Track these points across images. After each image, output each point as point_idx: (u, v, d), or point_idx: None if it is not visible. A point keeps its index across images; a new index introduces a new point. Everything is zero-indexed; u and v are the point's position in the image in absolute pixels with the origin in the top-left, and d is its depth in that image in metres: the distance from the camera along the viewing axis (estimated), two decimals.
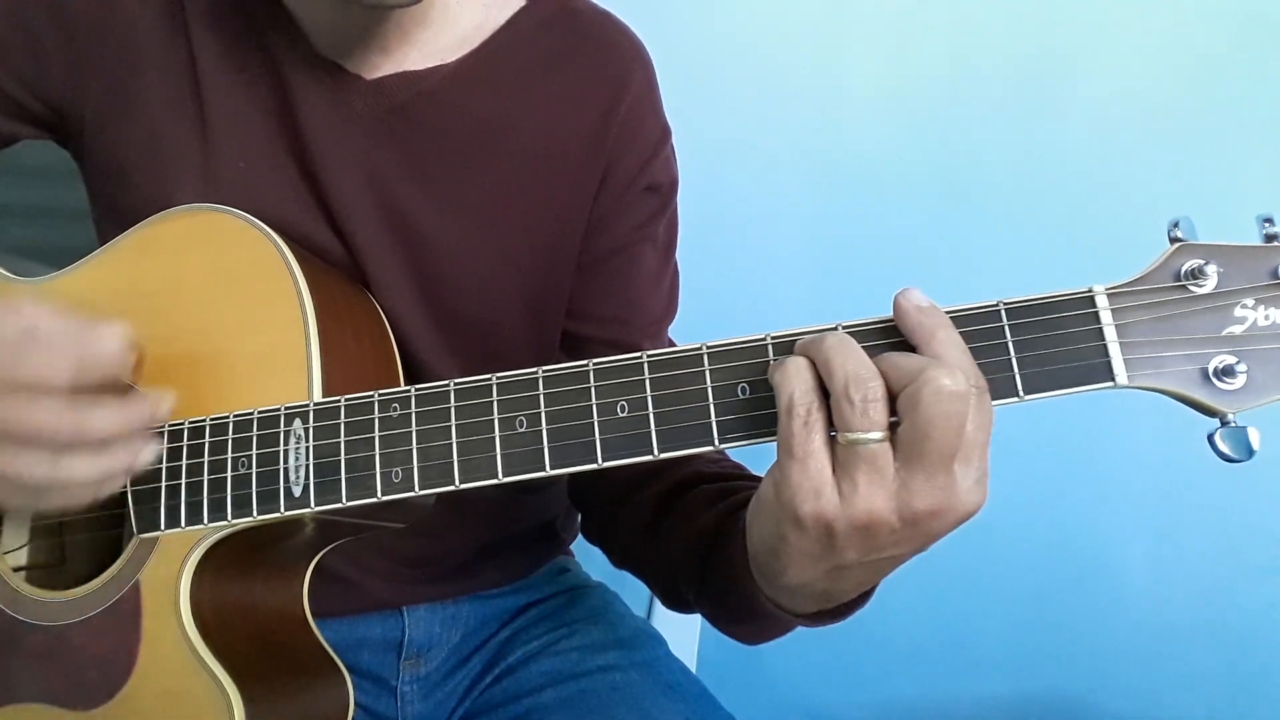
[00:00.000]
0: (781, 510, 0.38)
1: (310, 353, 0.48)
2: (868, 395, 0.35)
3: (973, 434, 0.35)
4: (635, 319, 0.61)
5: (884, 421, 0.35)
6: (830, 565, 0.38)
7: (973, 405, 0.35)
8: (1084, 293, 0.38)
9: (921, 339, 0.37)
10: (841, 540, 0.37)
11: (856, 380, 0.35)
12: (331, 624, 0.62)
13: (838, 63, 1.04)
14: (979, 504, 0.36)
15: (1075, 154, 1.03)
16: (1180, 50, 1.01)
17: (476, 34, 0.57)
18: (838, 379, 0.35)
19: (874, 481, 0.35)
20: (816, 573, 0.40)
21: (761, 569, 0.44)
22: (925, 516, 0.35)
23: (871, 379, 0.35)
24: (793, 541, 0.38)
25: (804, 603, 0.44)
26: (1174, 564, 1.08)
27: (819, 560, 0.38)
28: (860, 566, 0.38)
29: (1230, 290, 0.37)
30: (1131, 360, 0.37)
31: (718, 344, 0.41)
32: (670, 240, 0.64)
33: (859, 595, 0.44)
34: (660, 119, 0.62)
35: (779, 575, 0.42)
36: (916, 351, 0.37)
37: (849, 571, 0.39)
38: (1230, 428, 0.37)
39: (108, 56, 0.55)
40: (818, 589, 0.42)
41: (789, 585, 0.42)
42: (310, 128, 0.55)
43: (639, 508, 0.58)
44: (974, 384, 0.35)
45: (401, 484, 0.43)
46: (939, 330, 0.37)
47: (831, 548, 0.37)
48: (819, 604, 0.44)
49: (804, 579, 0.41)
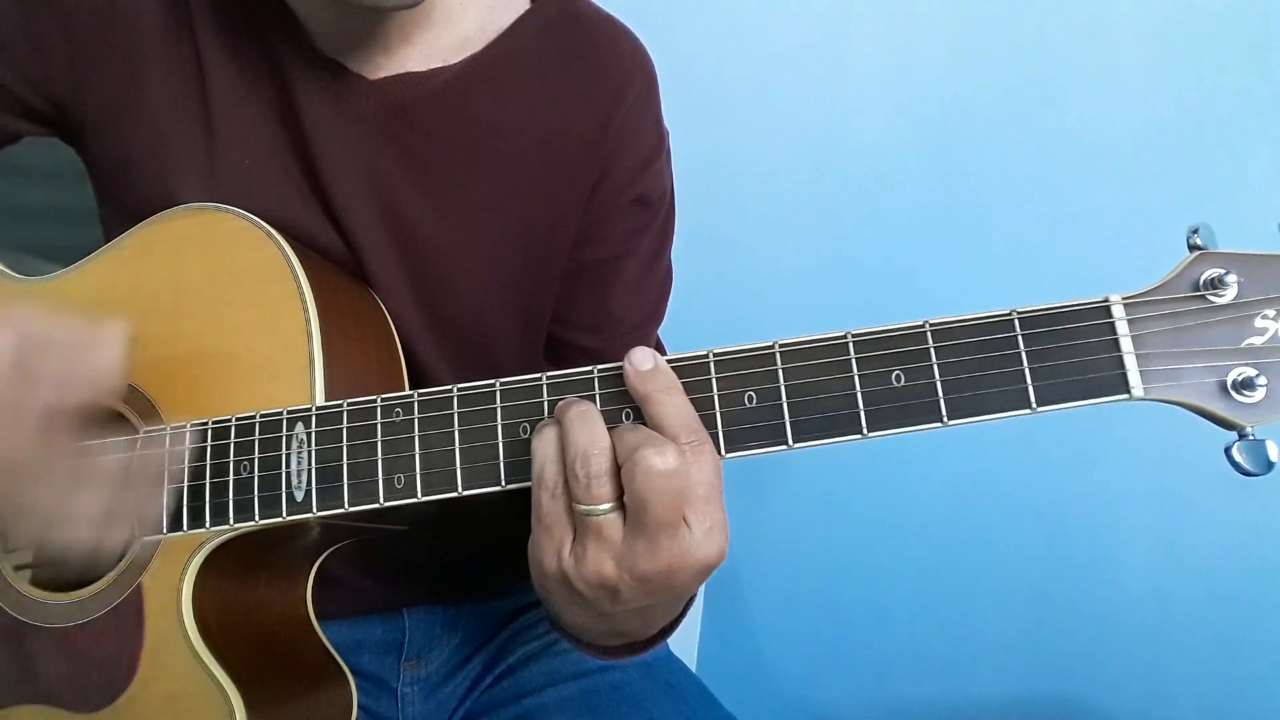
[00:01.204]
0: (535, 565, 0.40)
1: (313, 355, 0.47)
2: (591, 472, 0.37)
3: (694, 491, 0.37)
4: (609, 329, 0.61)
5: (608, 495, 0.37)
6: (592, 614, 0.41)
7: (691, 464, 0.37)
8: (1100, 302, 0.38)
9: (640, 402, 0.39)
10: (588, 595, 0.39)
11: (584, 458, 0.37)
12: (332, 626, 0.61)
13: (840, 64, 1.03)
14: (715, 554, 0.37)
15: (1081, 155, 1.01)
16: (1194, 48, 0.99)
17: (480, 36, 0.57)
18: (569, 453, 0.38)
19: (601, 548, 0.37)
20: (585, 619, 0.42)
21: (546, 610, 0.47)
22: (658, 575, 0.37)
23: (598, 456, 0.37)
24: (551, 590, 0.41)
25: (599, 638, 0.47)
26: (1174, 564, 1.07)
27: (582, 609, 0.40)
28: (624, 614, 0.41)
29: (1251, 300, 0.36)
30: (1148, 372, 0.37)
31: (724, 351, 0.40)
32: (657, 250, 0.64)
33: (660, 630, 0.46)
34: (658, 127, 0.61)
35: (557, 618, 0.46)
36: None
37: (618, 618, 0.42)
38: (1248, 441, 0.36)
39: (112, 54, 0.55)
40: (599, 629, 0.45)
41: (569, 625, 0.45)
42: (313, 127, 0.55)
43: None
44: (689, 442, 0.37)
45: (404, 490, 0.43)
46: (651, 394, 0.38)
47: (584, 600, 0.39)
48: (619, 639, 0.47)
49: (577, 622, 0.44)
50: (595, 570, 0.37)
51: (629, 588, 0.38)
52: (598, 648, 0.48)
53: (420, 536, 0.56)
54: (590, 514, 0.37)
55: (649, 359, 0.39)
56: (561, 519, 0.38)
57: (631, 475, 0.36)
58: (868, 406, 0.38)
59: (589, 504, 0.37)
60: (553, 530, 0.38)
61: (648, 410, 0.39)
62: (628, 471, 0.36)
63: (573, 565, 0.38)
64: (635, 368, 0.39)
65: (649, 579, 0.37)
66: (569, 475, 0.38)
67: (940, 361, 0.38)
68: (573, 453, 0.37)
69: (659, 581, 0.37)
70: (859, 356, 0.39)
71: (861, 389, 0.39)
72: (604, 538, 0.37)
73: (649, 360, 0.39)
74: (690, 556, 0.37)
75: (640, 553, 0.37)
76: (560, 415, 0.39)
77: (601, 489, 0.37)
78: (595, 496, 0.37)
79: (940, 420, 0.38)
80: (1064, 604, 1.10)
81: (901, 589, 1.12)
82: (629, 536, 0.37)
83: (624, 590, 0.38)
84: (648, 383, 0.39)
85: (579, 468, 0.37)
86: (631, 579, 0.37)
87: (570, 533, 0.38)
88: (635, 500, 0.36)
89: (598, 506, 0.37)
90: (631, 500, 0.36)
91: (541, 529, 0.39)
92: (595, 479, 0.37)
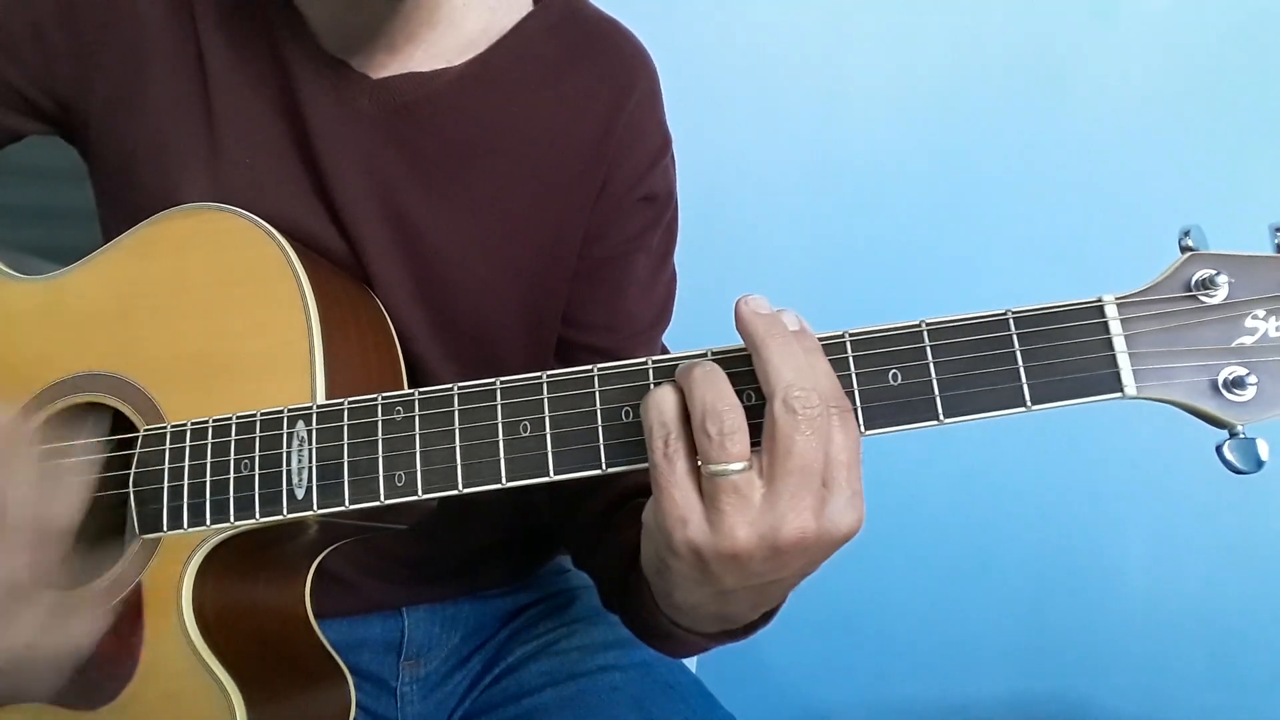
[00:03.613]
0: (657, 536, 0.38)
1: (313, 355, 0.47)
2: (724, 428, 0.35)
3: (835, 455, 0.35)
4: (624, 328, 0.61)
5: (744, 453, 0.35)
6: (712, 590, 0.39)
7: (835, 427, 0.35)
8: (1093, 302, 0.38)
9: (753, 347, 0.37)
10: (715, 567, 0.37)
11: (714, 413, 0.35)
12: (331, 625, 0.62)
13: (841, 64, 1.03)
14: (854, 525, 0.36)
15: (1076, 156, 1.02)
16: (1192, 50, 1.00)
17: (483, 37, 0.57)
18: (696, 412, 0.36)
19: (738, 511, 0.35)
20: (702, 596, 0.40)
21: (655, 589, 0.45)
22: (794, 545, 0.35)
23: (729, 411, 0.35)
24: (672, 565, 0.39)
25: (702, 623, 0.45)
26: (1173, 564, 1.08)
27: (700, 584, 0.39)
28: (745, 590, 0.39)
29: (1241, 301, 0.37)
30: (1140, 371, 0.37)
31: (722, 350, 0.40)
32: (666, 249, 0.64)
33: (763, 614, 0.45)
34: (662, 128, 0.61)
35: (668, 595, 0.43)
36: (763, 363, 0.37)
37: (735, 595, 0.40)
38: (1239, 439, 0.37)
39: (115, 52, 0.55)
40: (709, 610, 0.43)
41: (679, 605, 0.43)
42: (316, 125, 0.55)
43: (585, 519, 0.58)
44: (833, 405, 0.35)
45: (404, 488, 0.43)
46: (770, 340, 0.36)
47: (708, 573, 0.37)
48: (719, 625, 0.45)
49: (691, 601, 0.42)
50: (731, 537, 0.35)
51: (761, 557, 0.36)
52: (696, 633, 0.46)
53: (419, 536, 0.56)
54: (724, 474, 0.35)
55: (795, 320, 0.38)
56: (686, 484, 0.36)
57: (772, 428, 0.34)
58: (864, 404, 0.39)
59: (723, 463, 0.35)
60: (673, 493, 0.36)
61: (763, 355, 0.36)
62: (769, 422, 0.34)
63: (706, 533, 0.36)
64: (753, 309, 0.37)
65: (784, 548, 0.35)
66: (697, 434, 0.35)
67: (936, 360, 0.38)
68: (700, 411, 0.35)
69: (794, 551, 0.35)
70: (856, 355, 0.39)
71: (858, 387, 0.39)
72: (741, 497, 0.35)
73: (795, 321, 0.38)
74: (830, 522, 0.35)
75: (782, 512, 0.35)
76: (682, 378, 0.37)
77: (736, 445, 0.35)
78: (730, 454, 0.35)
79: (937, 418, 0.38)
80: (1063, 603, 1.11)
81: (901, 589, 1.12)
82: (769, 496, 0.35)
83: (755, 561, 0.36)
84: (793, 343, 0.37)
85: (710, 424, 0.35)
86: (766, 546, 0.35)
87: (697, 498, 0.36)
88: (777, 455, 0.34)
89: (731, 465, 0.35)
90: (771, 456, 0.34)
91: (665, 497, 0.36)
92: (729, 435, 0.35)
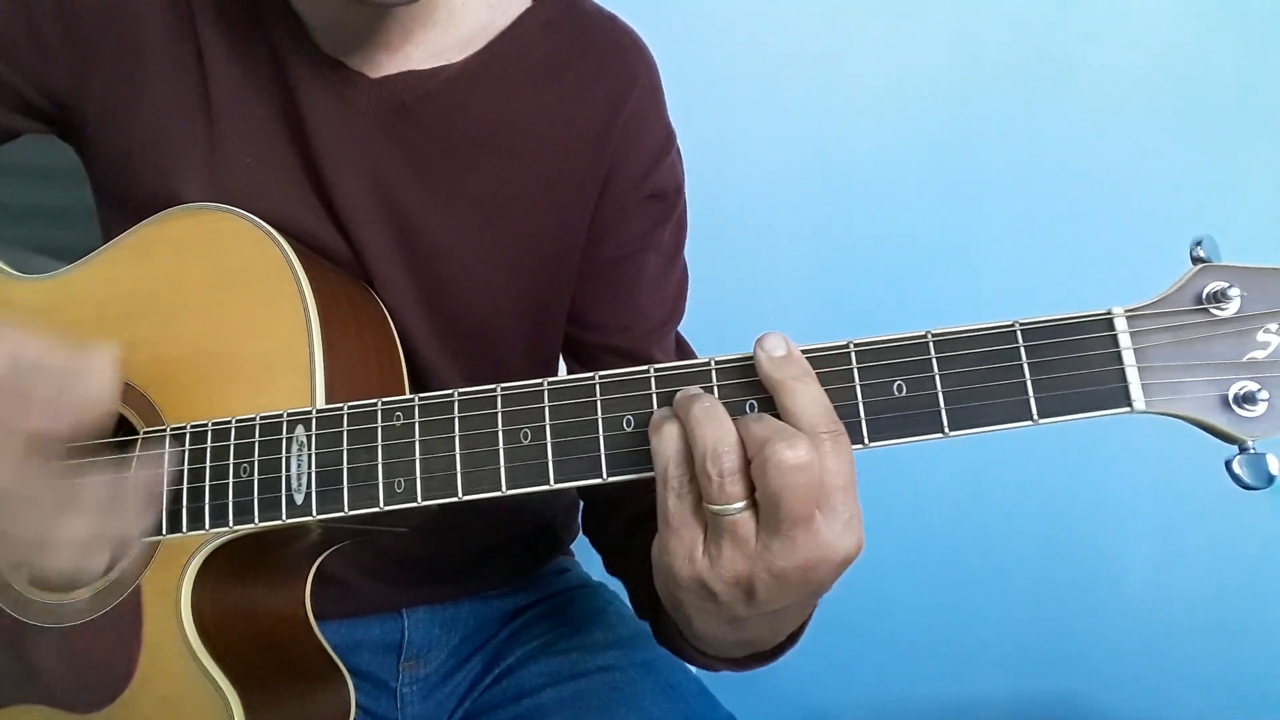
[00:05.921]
0: (665, 571, 0.38)
1: (313, 357, 0.47)
2: (723, 470, 0.35)
3: (831, 480, 0.35)
4: (638, 326, 0.61)
5: (740, 493, 0.35)
6: (725, 619, 0.39)
7: (828, 452, 0.35)
8: (1102, 314, 0.37)
9: (773, 390, 0.37)
10: (723, 598, 0.37)
11: (714, 455, 0.35)
12: (330, 626, 0.61)
13: (842, 63, 1.02)
14: (853, 548, 0.36)
15: (1085, 164, 1.01)
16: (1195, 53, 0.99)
17: (482, 35, 0.57)
18: (698, 452, 0.36)
19: (736, 548, 0.36)
20: (718, 626, 0.41)
21: (676, 620, 0.45)
22: (795, 573, 0.36)
23: (729, 453, 0.35)
24: (682, 598, 0.39)
25: (726, 649, 0.45)
26: (1174, 564, 1.08)
27: (712, 615, 0.39)
28: (759, 618, 0.39)
29: (1254, 314, 0.36)
30: (1150, 385, 0.37)
31: (725, 360, 0.40)
32: (676, 244, 0.64)
33: (788, 636, 0.45)
34: (664, 123, 0.61)
35: (688, 625, 0.43)
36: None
37: (749, 623, 0.40)
38: (1249, 454, 0.36)
39: (113, 51, 0.55)
40: (729, 639, 0.43)
41: (700, 635, 0.43)
42: (314, 125, 0.54)
43: (614, 528, 0.58)
44: (827, 431, 0.36)
45: (404, 494, 0.43)
46: (787, 382, 0.37)
47: (718, 605, 0.38)
48: (743, 650, 0.45)
49: (710, 632, 0.42)
50: (732, 570, 0.36)
51: (766, 585, 0.36)
52: (725, 660, 0.46)
53: (419, 537, 0.56)
54: (723, 514, 0.35)
55: (781, 344, 0.37)
56: (690, 519, 0.37)
57: (763, 471, 0.34)
58: (869, 416, 0.38)
59: (721, 504, 0.35)
60: (682, 532, 0.37)
61: (782, 398, 0.37)
62: (758, 467, 0.34)
63: (707, 566, 0.36)
64: (769, 354, 0.37)
65: (786, 576, 0.36)
66: (699, 474, 0.36)
67: (942, 372, 0.38)
68: (701, 450, 0.35)
69: (797, 578, 0.36)
70: (861, 366, 0.39)
71: (863, 399, 0.38)
72: (738, 537, 0.35)
73: (782, 346, 0.37)
74: (829, 549, 0.35)
75: (776, 551, 0.35)
76: (682, 411, 0.37)
77: (734, 487, 0.35)
78: (729, 495, 0.35)
79: (942, 431, 0.38)
80: (1064, 605, 1.11)
81: (902, 590, 1.12)
82: (763, 534, 0.35)
83: (760, 589, 0.36)
84: (782, 369, 0.37)
85: (709, 466, 0.35)
86: (769, 576, 0.36)
87: (701, 533, 0.37)
88: (768, 497, 0.34)
89: (730, 506, 0.35)
90: (764, 497, 0.35)
91: (670, 531, 0.37)
92: (728, 477, 0.35)
